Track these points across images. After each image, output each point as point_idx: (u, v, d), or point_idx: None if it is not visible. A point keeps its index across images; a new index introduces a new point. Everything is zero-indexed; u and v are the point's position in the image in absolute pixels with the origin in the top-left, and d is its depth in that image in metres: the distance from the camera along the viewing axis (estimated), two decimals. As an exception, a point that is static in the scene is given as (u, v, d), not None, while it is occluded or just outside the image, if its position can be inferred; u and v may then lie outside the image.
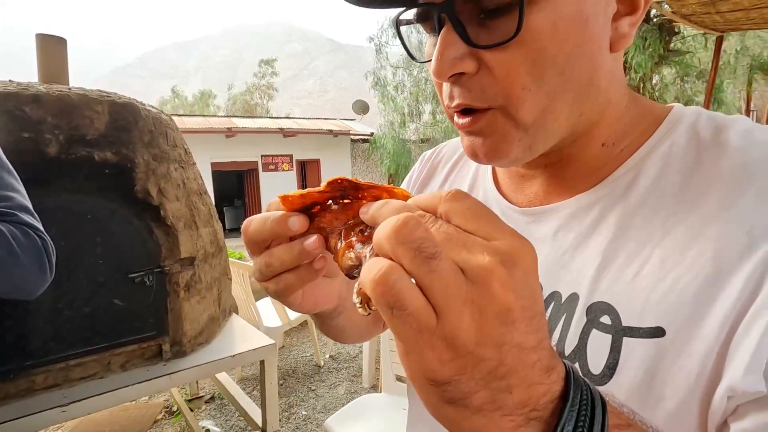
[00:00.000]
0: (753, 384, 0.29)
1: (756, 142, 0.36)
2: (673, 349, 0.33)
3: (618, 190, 0.41)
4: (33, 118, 1.24)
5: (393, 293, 0.22)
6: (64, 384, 1.44)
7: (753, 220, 0.32)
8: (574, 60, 0.36)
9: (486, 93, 0.38)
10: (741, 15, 5.57)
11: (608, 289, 0.38)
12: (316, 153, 13.98)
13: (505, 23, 0.35)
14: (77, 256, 1.41)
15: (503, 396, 0.23)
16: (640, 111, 0.44)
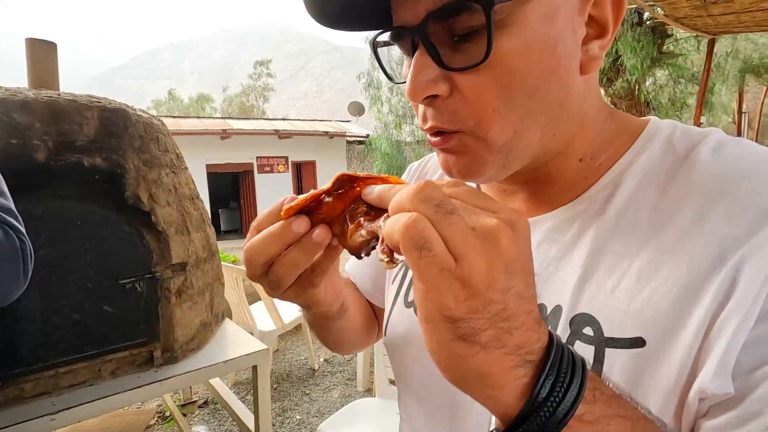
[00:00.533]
0: (721, 386, 0.31)
1: (726, 156, 0.38)
2: (653, 359, 0.34)
3: (597, 205, 0.42)
4: (21, 124, 1.23)
5: (421, 236, 0.26)
6: (54, 391, 1.43)
7: (724, 232, 0.34)
8: (545, 83, 0.37)
9: (457, 116, 0.39)
10: (733, 18, 5.62)
11: (590, 301, 0.39)
12: (312, 155, 13.97)
13: (476, 47, 0.36)
14: (66, 263, 1.40)
15: (506, 336, 0.27)
16: (618, 125, 0.45)
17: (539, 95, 0.37)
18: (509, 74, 0.36)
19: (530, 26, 0.36)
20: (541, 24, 0.36)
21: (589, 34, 0.39)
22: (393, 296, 0.60)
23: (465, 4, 0.35)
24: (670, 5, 5.34)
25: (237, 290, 2.94)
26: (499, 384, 0.28)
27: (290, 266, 0.38)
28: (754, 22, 5.83)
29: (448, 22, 0.37)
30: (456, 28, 0.37)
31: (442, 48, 0.38)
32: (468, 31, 0.36)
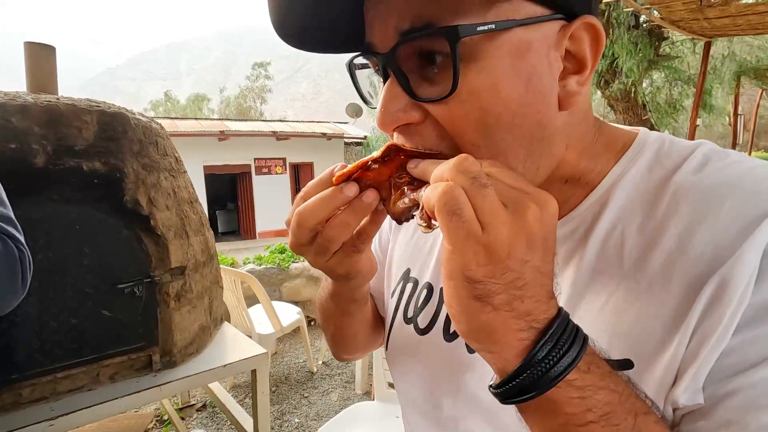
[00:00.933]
0: (691, 398, 0.33)
1: (711, 173, 0.38)
2: (639, 381, 0.35)
3: (585, 224, 0.42)
4: (20, 128, 1.23)
5: (455, 202, 0.28)
6: (52, 397, 1.42)
7: (707, 254, 0.34)
8: (520, 119, 0.36)
9: (433, 140, 0.38)
10: (728, 21, 5.66)
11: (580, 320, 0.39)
12: (310, 156, 13.97)
13: (445, 78, 0.35)
14: (65, 267, 1.39)
15: (516, 302, 0.30)
16: (606, 141, 0.44)
17: (517, 130, 0.36)
18: (482, 109, 0.35)
19: (501, 61, 0.34)
20: (513, 59, 0.35)
21: (567, 68, 0.38)
22: (393, 310, 0.60)
23: (431, 33, 0.34)
24: (666, 8, 5.38)
25: (235, 293, 2.93)
26: (503, 341, 0.31)
27: (341, 227, 0.39)
28: (749, 25, 5.87)
29: (417, 49, 0.36)
30: (425, 54, 0.36)
31: (412, 75, 0.37)
32: (436, 57, 0.35)
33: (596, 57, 0.38)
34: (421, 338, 0.54)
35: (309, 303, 4.28)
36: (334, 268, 0.45)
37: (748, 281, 0.32)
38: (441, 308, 0.53)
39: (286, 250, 4.44)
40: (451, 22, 0.33)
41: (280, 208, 13.53)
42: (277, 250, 4.45)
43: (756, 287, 0.32)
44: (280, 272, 4.15)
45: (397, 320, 0.58)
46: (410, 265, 0.60)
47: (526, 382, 0.31)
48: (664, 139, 0.43)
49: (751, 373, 0.31)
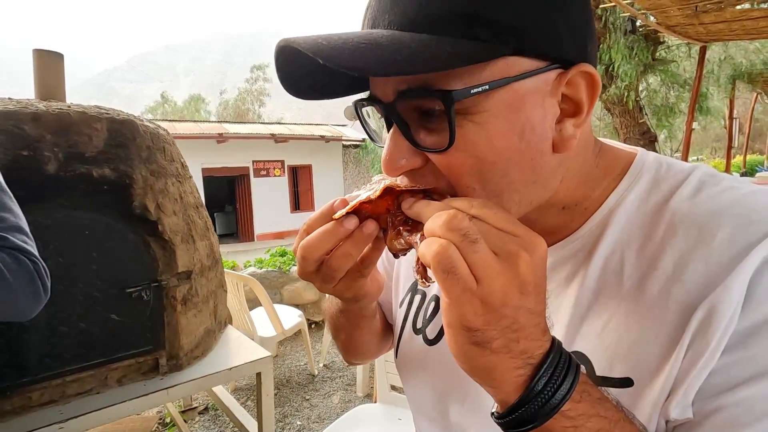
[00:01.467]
0: (682, 413, 0.36)
1: (706, 200, 0.39)
2: (638, 397, 0.38)
3: (587, 246, 0.44)
4: (32, 135, 1.25)
5: (449, 261, 0.31)
6: (61, 400, 1.44)
7: (700, 280, 0.36)
8: (513, 166, 0.38)
9: (438, 183, 0.40)
10: (723, 27, 5.72)
11: (582, 340, 0.42)
12: (308, 158, 13.99)
13: (443, 129, 0.36)
14: (74, 272, 1.41)
15: (513, 344, 0.33)
16: (605, 166, 0.46)
17: (510, 176, 0.38)
18: (478, 159, 0.37)
19: (495, 116, 0.36)
20: (507, 113, 0.36)
21: (564, 111, 0.39)
22: (401, 320, 0.63)
23: (427, 93, 0.36)
24: (662, 14, 5.44)
25: (237, 296, 2.95)
26: (502, 379, 0.34)
27: (344, 258, 0.42)
28: (744, 30, 5.94)
29: (415, 105, 0.38)
30: (423, 109, 0.37)
31: (413, 124, 0.39)
32: (435, 113, 0.37)
33: (592, 101, 0.39)
34: (430, 348, 0.56)
35: (310, 306, 4.30)
36: (341, 293, 0.48)
37: (735, 309, 0.34)
38: None
39: (287, 253, 4.46)
40: (445, 84, 0.35)
41: (279, 211, 13.53)
42: (278, 253, 4.47)
43: (741, 314, 0.34)
44: (281, 275, 4.17)
45: (406, 330, 0.61)
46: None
47: (526, 414, 0.33)
48: (661, 162, 0.45)
49: (735, 392, 0.34)
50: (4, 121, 1.21)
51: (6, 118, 1.21)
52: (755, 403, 0.33)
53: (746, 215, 0.37)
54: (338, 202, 0.42)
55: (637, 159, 0.46)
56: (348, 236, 0.41)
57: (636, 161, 0.45)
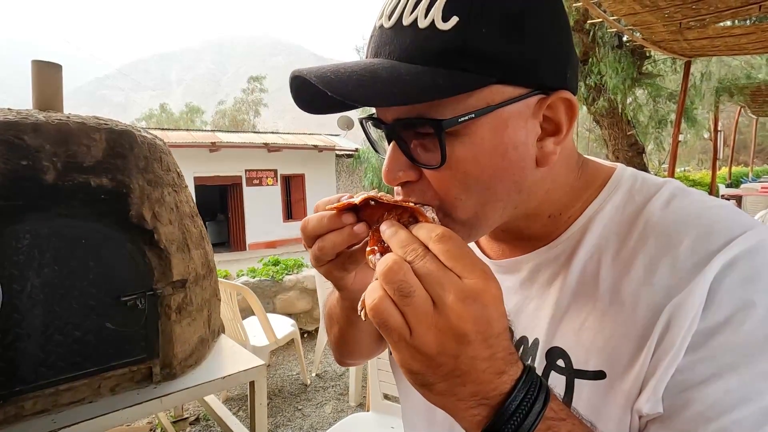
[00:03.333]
0: (653, 407, 0.38)
1: (675, 210, 0.44)
2: (610, 390, 0.41)
3: (568, 251, 0.48)
4: (32, 146, 1.27)
5: (382, 315, 0.34)
6: (53, 409, 1.44)
7: (667, 283, 0.40)
8: (497, 180, 0.43)
9: (426, 196, 0.45)
10: (706, 43, 5.90)
11: (562, 337, 0.45)
12: (301, 168, 14.00)
13: (437, 148, 0.41)
14: (70, 281, 1.42)
15: (458, 388, 0.34)
16: (586, 178, 0.51)
17: (494, 188, 0.43)
18: (465, 174, 0.42)
19: (481, 137, 0.41)
20: (492, 135, 0.41)
21: (545, 130, 0.44)
22: None
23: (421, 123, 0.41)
24: (647, 30, 5.59)
25: (231, 305, 2.95)
26: (457, 416, 0.36)
27: (331, 245, 0.46)
28: (726, 46, 6.13)
29: (409, 128, 0.43)
30: (418, 132, 0.43)
31: (411, 143, 0.43)
32: (427, 136, 0.42)
33: (571, 123, 0.44)
34: None
35: (303, 315, 4.30)
36: (326, 275, 0.52)
37: (697, 310, 0.37)
38: None
39: (280, 262, 4.46)
40: (436, 113, 0.40)
41: (271, 220, 13.49)
42: (271, 263, 4.47)
43: (702, 316, 0.37)
44: (273, 284, 4.17)
45: None
46: None
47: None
48: (636, 177, 0.49)
49: (699, 389, 0.37)
50: (4, 132, 1.23)
51: (6, 129, 1.23)
52: (718, 400, 0.36)
53: (709, 225, 0.41)
54: (346, 196, 0.47)
55: (616, 173, 0.50)
56: (340, 228, 0.45)
57: (614, 175, 0.50)
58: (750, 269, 0.38)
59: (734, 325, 0.37)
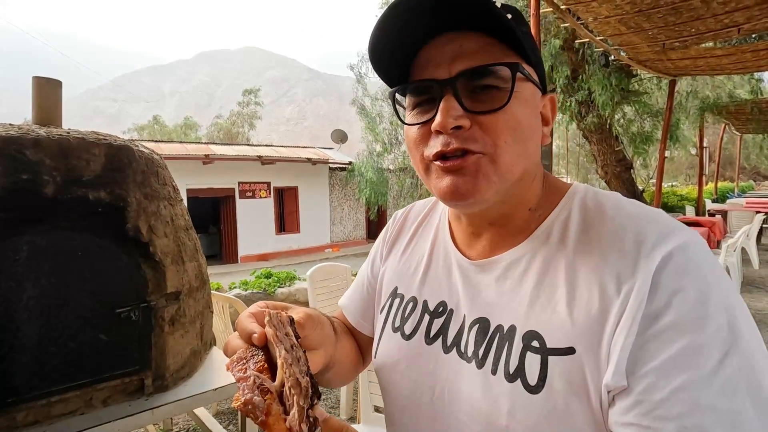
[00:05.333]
0: (618, 381, 0.43)
1: (622, 212, 0.53)
2: (581, 364, 0.47)
3: (535, 248, 0.56)
4: (33, 160, 1.30)
5: None
6: (45, 421, 1.44)
7: (618, 269, 0.47)
8: (530, 136, 0.54)
9: (479, 141, 0.52)
10: (689, 63, 6.10)
11: (537, 321, 0.51)
12: (294, 181, 14.04)
13: (493, 98, 0.52)
14: (66, 293, 1.44)
15: None
16: (550, 187, 0.61)
17: (527, 143, 0.54)
18: (517, 120, 0.52)
19: (526, 96, 0.54)
20: (530, 98, 0.55)
21: (542, 120, 0.59)
22: (382, 324, 0.70)
23: (494, 68, 0.51)
24: (633, 50, 5.78)
25: (223, 318, 2.96)
26: None
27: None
28: (709, 66, 6.34)
29: (475, 79, 0.52)
30: (481, 84, 0.52)
31: (465, 96, 0.52)
32: (490, 86, 0.52)
33: (554, 118, 0.60)
34: (407, 342, 0.64)
35: (293, 328, 4.29)
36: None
37: (643, 296, 0.44)
38: (423, 318, 0.64)
39: (272, 275, 4.47)
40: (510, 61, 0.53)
41: (264, 233, 13.46)
42: (263, 275, 4.48)
43: (648, 300, 0.44)
44: (265, 297, 4.17)
45: (386, 330, 0.69)
46: (398, 283, 0.72)
47: None
48: (588, 189, 0.59)
49: (651, 363, 0.43)
50: (6, 146, 1.26)
51: (9, 143, 1.27)
52: (667, 373, 0.42)
53: (647, 225, 0.49)
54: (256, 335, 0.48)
55: (572, 187, 0.60)
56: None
57: (571, 188, 0.60)
58: (683, 261, 0.45)
59: (673, 308, 0.43)
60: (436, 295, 0.64)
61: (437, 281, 0.65)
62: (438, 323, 0.62)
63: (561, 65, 8.28)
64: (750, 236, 6.92)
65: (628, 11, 4.32)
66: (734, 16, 4.31)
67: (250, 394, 0.42)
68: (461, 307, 0.60)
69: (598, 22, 4.75)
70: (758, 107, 9.94)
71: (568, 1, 4.26)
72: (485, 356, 0.54)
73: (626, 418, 0.43)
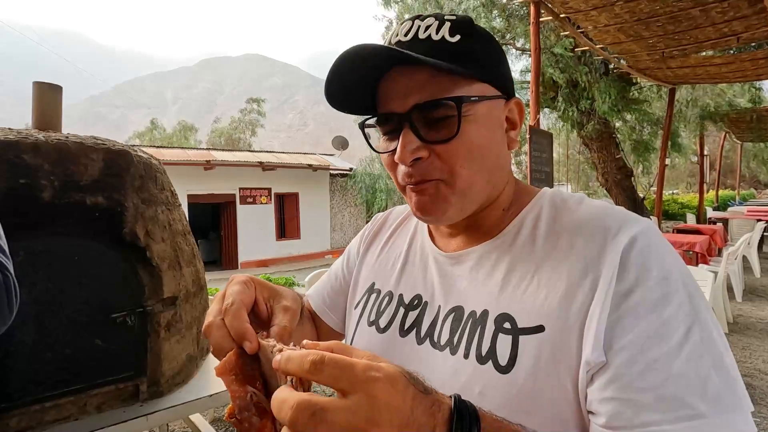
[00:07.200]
0: (597, 357, 0.46)
1: (585, 207, 0.58)
2: (550, 341, 0.49)
3: (508, 240, 0.60)
4: (31, 164, 1.30)
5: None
6: (38, 427, 1.43)
7: (584, 254, 0.52)
8: (488, 153, 0.57)
9: (437, 169, 0.56)
10: (689, 71, 6.13)
11: (507, 305, 0.55)
12: (295, 187, 14.05)
13: (447, 127, 0.55)
14: (62, 298, 1.43)
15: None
16: (520, 190, 0.66)
17: (485, 160, 0.57)
18: (470, 143, 0.55)
19: (479, 117, 0.56)
20: (485, 117, 0.57)
21: (509, 125, 0.61)
22: (357, 318, 0.72)
23: (442, 102, 0.54)
24: (632, 58, 5.81)
25: (220, 324, 2.94)
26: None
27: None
28: (708, 75, 6.37)
29: (427, 111, 0.55)
30: (433, 115, 0.55)
31: (423, 126, 0.55)
32: (441, 117, 0.55)
33: (521, 120, 0.63)
34: (381, 335, 0.66)
35: (292, 334, 4.26)
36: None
37: (612, 275, 0.48)
38: (398, 311, 0.67)
39: (271, 280, 4.46)
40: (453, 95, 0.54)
41: (264, 238, 13.45)
42: (262, 281, 4.47)
43: (618, 279, 0.48)
44: (264, 303, 4.16)
45: (361, 324, 0.71)
46: (375, 279, 0.74)
47: None
48: (556, 191, 0.64)
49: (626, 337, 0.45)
50: (5, 151, 1.27)
51: (7, 148, 1.27)
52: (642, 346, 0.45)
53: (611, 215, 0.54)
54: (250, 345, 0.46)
55: (542, 191, 0.65)
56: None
57: (541, 191, 0.65)
58: (646, 244, 0.50)
59: (641, 285, 0.47)
60: (412, 288, 0.67)
61: (413, 276, 0.68)
62: (413, 316, 0.64)
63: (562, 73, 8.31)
64: (751, 244, 6.90)
65: (628, 20, 4.35)
66: (733, 25, 4.34)
67: (246, 412, 0.41)
68: (436, 299, 0.63)
69: (598, 30, 4.78)
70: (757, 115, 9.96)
71: (568, 9, 4.29)
72: (459, 342, 0.56)
73: (605, 393, 0.45)
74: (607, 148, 9.42)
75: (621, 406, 0.44)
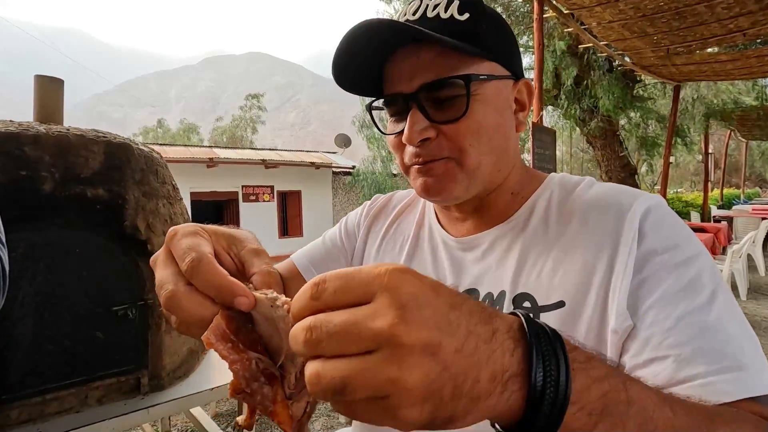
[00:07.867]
0: (623, 322, 0.47)
1: (595, 190, 0.58)
2: (571, 316, 0.51)
3: (521, 223, 0.61)
4: (32, 157, 1.30)
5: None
6: (39, 419, 1.43)
7: (601, 229, 0.53)
8: (495, 133, 0.57)
9: (445, 149, 0.56)
10: (694, 68, 6.07)
11: (525, 284, 0.55)
12: (298, 185, 14.06)
13: (455, 107, 0.55)
14: (62, 290, 1.43)
15: (475, 388, 0.27)
16: (528, 174, 0.66)
17: (493, 141, 0.57)
18: (478, 123, 0.55)
19: (488, 97, 0.56)
20: (494, 97, 0.56)
21: (516, 108, 0.61)
22: None
23: (450, 80, 0.53)
24: (637, 55, 5.77)
25: (221, 319, 2.95)
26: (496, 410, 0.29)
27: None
28: (713, 72, 6.32)
29: (435, 91, 0.54)
30: (440, 95, 0.54)
31: (428, 107, 0.55)
32: (449, 96, 0.54)
33: (530, 102, 0.63)
34: None
35: (294, 331, 4.26)
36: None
37: (632, 242, 0.49)
38: None
39: (273, 277, 4.46)
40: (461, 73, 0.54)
41: (267, 236, 13.46)
42: (264, 278, 4.46)
43: (638, 245, 0.49)
44: (266, 299, 4.16)
45: None
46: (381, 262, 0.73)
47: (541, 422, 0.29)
48: (564, 175, 0.65)
49: (652, 298, 0.46)
50: (6, 143, 1.26)
51: (8, 140, 1.27)
52: (667, 303, 0.45)
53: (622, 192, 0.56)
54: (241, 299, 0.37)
55: (550, 175, 0.66)
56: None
57: (550, 176, 0.65)
58: (660, 215, 0.52)
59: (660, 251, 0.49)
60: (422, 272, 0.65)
61: (423, 260, 0.68)
62: None
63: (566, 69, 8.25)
64: (756, 243, 6.85)
65: (632, 16, 4.31)
66: (739, 21, 4.29)
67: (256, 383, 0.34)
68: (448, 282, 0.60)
69: (602, 27, 4.74)
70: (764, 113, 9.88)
71: (572, 5, 4.26)
72: None
73: (643, 357, 0.45)
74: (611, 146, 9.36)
75: (660, 365, 0.43)
